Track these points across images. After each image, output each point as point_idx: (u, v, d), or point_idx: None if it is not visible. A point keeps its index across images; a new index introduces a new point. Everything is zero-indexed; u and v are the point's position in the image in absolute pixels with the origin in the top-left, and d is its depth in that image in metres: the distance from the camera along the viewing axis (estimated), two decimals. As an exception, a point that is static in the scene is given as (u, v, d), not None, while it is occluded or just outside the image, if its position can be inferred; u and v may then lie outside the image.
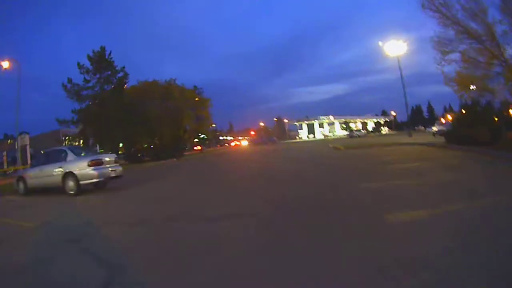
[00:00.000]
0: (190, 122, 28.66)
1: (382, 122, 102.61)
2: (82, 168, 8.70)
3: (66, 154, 9.20)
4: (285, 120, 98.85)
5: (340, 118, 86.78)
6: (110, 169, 9.11)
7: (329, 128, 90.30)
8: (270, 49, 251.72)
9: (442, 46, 14.13)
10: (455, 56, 14.39)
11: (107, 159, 9.32)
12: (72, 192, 8.48)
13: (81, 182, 8.60)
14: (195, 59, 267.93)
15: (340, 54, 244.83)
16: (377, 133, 75.82)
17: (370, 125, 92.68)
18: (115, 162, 9.67)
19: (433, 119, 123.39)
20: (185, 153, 33.00)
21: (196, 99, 31.23)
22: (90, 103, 18.83)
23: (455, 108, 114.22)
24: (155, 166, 19.49)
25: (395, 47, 27.68)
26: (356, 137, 55.35)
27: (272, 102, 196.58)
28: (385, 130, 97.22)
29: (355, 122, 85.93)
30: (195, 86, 44.13)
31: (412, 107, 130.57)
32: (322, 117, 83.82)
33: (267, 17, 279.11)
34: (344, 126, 79.38)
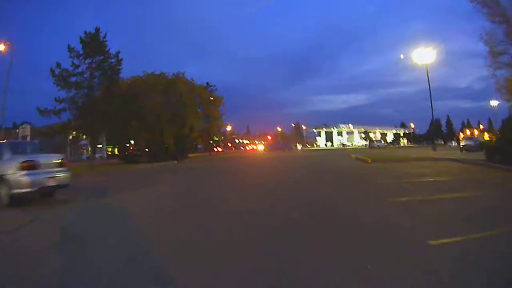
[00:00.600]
0: (197, 120, 25.98)
1: (401, 134, 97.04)
2: (13, 171, 6.22)
3: (1, 151, 6.74)
4: (303, 127, 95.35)
5: (360, 127, 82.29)
6: (48, 175, 6.53)
7: (347, 137, 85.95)
8: (290, 54, 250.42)
9: (492, 45, 12.42)
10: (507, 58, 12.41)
11: (46, 161, 6.73)
12: (5, 202, 6.23)
13: (12, 192, 6.13)
14: (215, 60, 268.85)
15: (360, 64, 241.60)
16: (396, 145, 70.77)
17: (389, 136, 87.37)
18: (61, 165, 7.05)
19: (451, 133, 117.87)
20: (191, 154, 30.64)
21: (211, 98, 28.72)
22: (77, 91, 16.54)
23: (473, 123, 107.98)
24: (144, 169, 16.90)
25: (423, 55, 26.39)
26: (376, 148, 51.33)
27: (290, 107, 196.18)
28: (404, 142, 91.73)
29: (375, 132, 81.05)
30: (207, 83, 42.05)
31: (431, 120, 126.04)
32: (342, 125, 79.69)
33: (288, 22, 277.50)
34: (363, 136, 74.89)
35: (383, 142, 58.93)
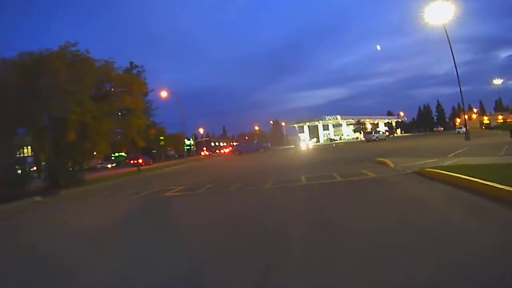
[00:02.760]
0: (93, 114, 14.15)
1: (393, 123, 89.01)
2: None
3: None
4: (283, 123, 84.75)
5: (349, 118, 72.72)
6: None
7: (334, 131, 76.33)
8: (266, 54, 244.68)
9: None
10: None
11: None
12: None
13: None
14: (190, 64, 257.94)
15: (337, 58, 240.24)
16: (391, 136, 61.50)
17: (381, 127, 78.43)
18: None
19: (443, 120, 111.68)
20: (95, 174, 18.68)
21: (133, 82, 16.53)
22: None
23: (466, 108, 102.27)
24: None
25: (439, 13, 21.58)
26: (375, 140, 41.57)
27: (269, 107, 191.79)
28: (397, 132, 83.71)
29: (364, 123, 71.78)
30: (131, 63, 30.39)
31: (419, 107, 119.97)
32: (328, 117, 69.71)
33: (263, 21, 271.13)
34: (355, 128, 65.04)
35: (381, 132, 49.18)
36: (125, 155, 71.80)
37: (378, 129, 60.83)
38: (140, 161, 24.34)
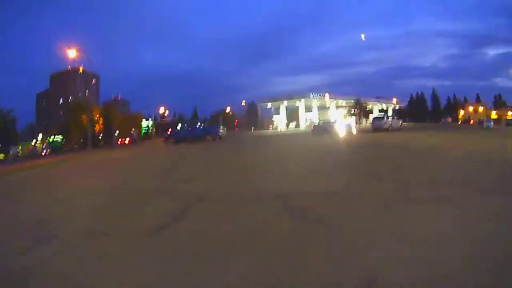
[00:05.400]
0: None
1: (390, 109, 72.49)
2: None
3: None
4: (258, 105, 66.01)
5: (340, 99, 55.01)
6: None
7: (319, 114, 58.68)
8: (247, 37, 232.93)
9: None
10: None
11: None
12: None
13: None
14: (172, 47, 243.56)
15: (319, 45, 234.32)
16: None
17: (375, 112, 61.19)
18: None
19: (438, 111, 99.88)
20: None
21: None
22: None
23: (471, 98, 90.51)
24: None
25: None
26: (387, 130, 24.68)
27: (250, 91, 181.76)
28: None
29: (364, 105, 53.72)
30: None
31: (411, 95, 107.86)
32: (313, 94, 51.58)
33: (246, 4, 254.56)
34: (351, 111, 46.85)
35: (390, 118, 31.40)
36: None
37: (388, 113, 43.23)
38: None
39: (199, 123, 29.09)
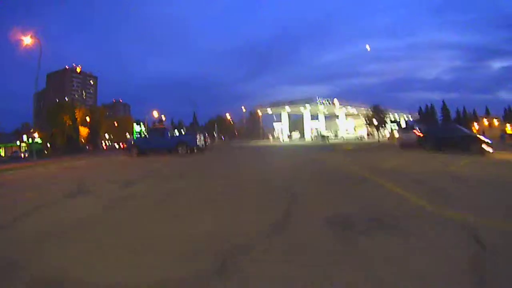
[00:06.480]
0: None
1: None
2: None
3: None
4: (259, 112, 58.83)
5: (351, 105, 47.47)
6: None
7: (326, 124, 51.34)
8: (251, 47, 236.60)
9: None
10: None
11: None
12: None
13: None
14: (178, 54, 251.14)
15: (323, 56, 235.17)
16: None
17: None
18: None
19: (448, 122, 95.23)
20: None
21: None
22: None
23: (481, 112, 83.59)
24: None
25: None
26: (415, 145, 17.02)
27: (252, 100, 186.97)
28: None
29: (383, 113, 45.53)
30: None
31: (420, 108, 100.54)
32: (319, 99, 44.36)
33: (250, 15, 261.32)
34: (368, 121, 37.97)
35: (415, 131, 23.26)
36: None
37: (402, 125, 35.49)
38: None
39: (170, 129, 21.67)
